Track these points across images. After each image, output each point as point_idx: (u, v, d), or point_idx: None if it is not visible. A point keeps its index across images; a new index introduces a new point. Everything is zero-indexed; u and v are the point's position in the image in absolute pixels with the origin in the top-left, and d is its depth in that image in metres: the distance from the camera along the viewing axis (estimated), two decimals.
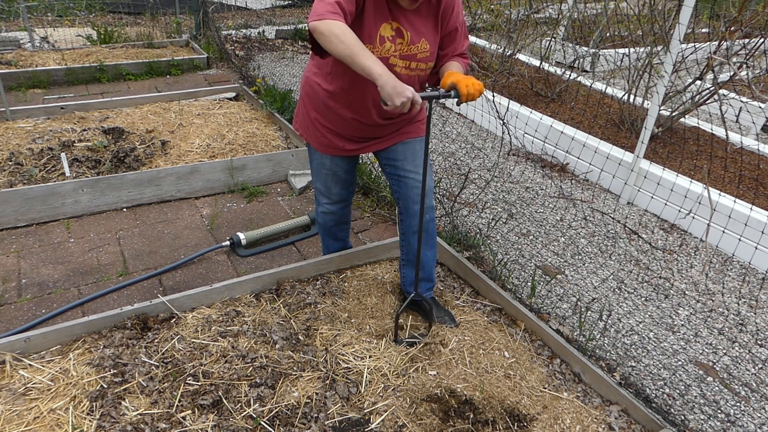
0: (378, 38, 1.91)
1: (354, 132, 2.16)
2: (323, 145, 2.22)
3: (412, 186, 2.18)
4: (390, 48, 1.93)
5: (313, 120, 2.20)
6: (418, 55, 1.99)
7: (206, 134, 3.95)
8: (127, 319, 2.23)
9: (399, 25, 1.93)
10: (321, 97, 2.11)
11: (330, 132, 2.18)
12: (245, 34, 7.06)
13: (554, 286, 2.90)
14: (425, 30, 1.98)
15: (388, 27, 1.92)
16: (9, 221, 3.00)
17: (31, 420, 1.82)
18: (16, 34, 6.24)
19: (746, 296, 2.96)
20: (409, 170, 2.18)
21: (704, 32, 6.23)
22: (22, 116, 4.10)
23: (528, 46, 5.86)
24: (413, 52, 1.97)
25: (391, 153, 2.22)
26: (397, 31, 1.93)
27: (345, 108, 2.08)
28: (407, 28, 1.94)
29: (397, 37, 1.93)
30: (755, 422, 2.21)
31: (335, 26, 1.69)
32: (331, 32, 1.69)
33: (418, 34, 1.96)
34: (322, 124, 2.17)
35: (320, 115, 2.16)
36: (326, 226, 2.57)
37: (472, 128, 4.90)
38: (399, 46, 1.94)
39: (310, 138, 2.25)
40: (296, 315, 2.38)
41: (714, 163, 3.97)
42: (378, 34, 1.91)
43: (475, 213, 3.52)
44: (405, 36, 1.94)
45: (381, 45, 1.92)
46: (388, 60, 1.94)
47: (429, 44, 1.99)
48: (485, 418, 1.96)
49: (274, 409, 1.94)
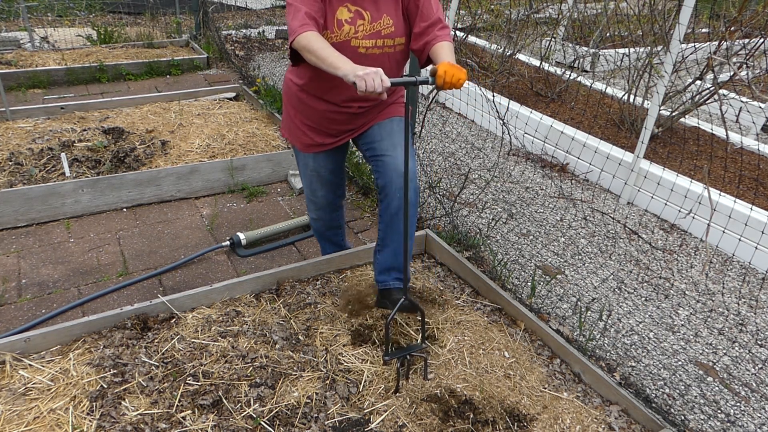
0: (335, 23, 1.93)
1: (330, 125, 2.18)
2: (304, 144, 2.26)
3: (389, 164, 2.06)
4: (349, 30, 1.95)
5: (292, 118, 2.25)
6: (383, 32, 1.99)
7: (206, 134, 3.95)
8: (127, 319, 2.23)
9: (357, 6, 1.95)
10: (294, 92, 2.17)
11: (308, 128, 2.21)
12: (245, 34, 7.06)
13: (554, 286, 2.89)
14: (385, 6, 1.99)
15: (344, 10, 1.94)
16: (9, 221, 3.00)
17: (31, 420, 1.82)
18: (16, 34, 6.24)
19: (746, 296, 2.96)
20: (385, 149, 2.10)
21: (704, 32, 6.23)
22: (22, 116, 4.10)
23: (528, 46, 5.87)
24: (377, 29, 1.98)
25: (367, 136, 2.20)
26: (356, 13, 1.95)
27: (317, 99, 2.12)
28: (366, 8, 1.96)
29: (357, 19, 1.95)
30: (755, 422, 2.21)
31: (303, 39, 1.80)
32: (301, 47, 1.81)
33: (378, 11, 1.98)
34: (301, 121, 2.22)
35: (297, 111, 2.21)
36: (318, 231, 2.61)
37: (472, 128, 4.90)
38: (361, 27, 1.96)
39: (293, 138, 2.29)
40: (296, 315, 2.38)
41: (714, 163, 3.97)
42: (335, 18, 1.93)
43: (475, 213, 3.52)
44: (365, 16, 1.96)
45: (339, 29, 1.94)
46: (349, 43, 1.95)
47: (392, 19, 2.00)
48: (485, 418, 1.96)
49: (274, 409, 1.94)
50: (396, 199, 2.06)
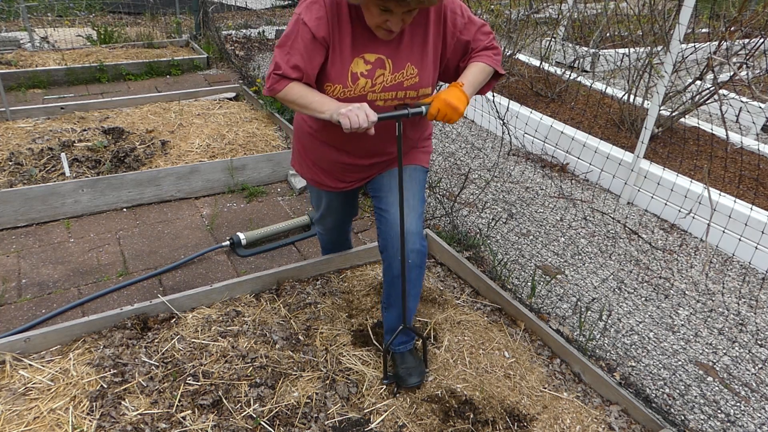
0: (349, 76, 1.74)
1: (342, 173, 2.04)
2: (314, 181, 2.11)
3: (390, 222, 1.90)
4: (366, 84, 1.75)
5: (302, 156, 2.10)
6: (405, 83, 1.79)
7: (206, 134, 3.95)
8: (127, 319, 2.23)
9: (379, 55, 1.74)
10: (306, 133, 2.01)
11: (320, 170, 2.06)
12: (245, 34, 7.06)
13: (554, 286, 2.89)
14: (411, 54, 1.77)
15: (360, 62, 1.73)
16: (9, 221, 3.00)
17: (31, 420, 1.82)
18: (16, 34, 6.24)
19: (746, 296, 2.96)
20: (390, 203, 1.93)
21: (704, 32, 6.22)
22: (22, 116, 4.10)
23: (528, 46, 5.86)
24: (398, 80, 1.78)
25: (375, 183, 2.03)
26: (376, 62, 1.75)
27: (330, 147, 1.96)
28: (388, 56, 1.75)
29: (376, 68, 1.75)
30: (755, 422, 2.21)
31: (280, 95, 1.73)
32: (282, 99, 1.74)
33: (402, 60, 1.77)
34: (312, 161, 2.06)
35: (308, 151, 2.06)
36: (323, 243, 2.61)
37: (472, 128, 4.90)
38: (380, 79, 1.76)
39: (304, 173, 2.13)
40: (296, 315, 2.38)
41: (714, 163, 3.97)
42: (348, 71, 1.74)
43: (475, 213, 3.52)
44: (387, 65, 1.76)
45: (354, 83, 1.74)
46: (366, 97, 1.77)
47: (417, 68, 1.78)
48: (485, 418, 1.96)
49: (274, 409, 1.94)
50: (397, 262, 1.92)
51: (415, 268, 1.94)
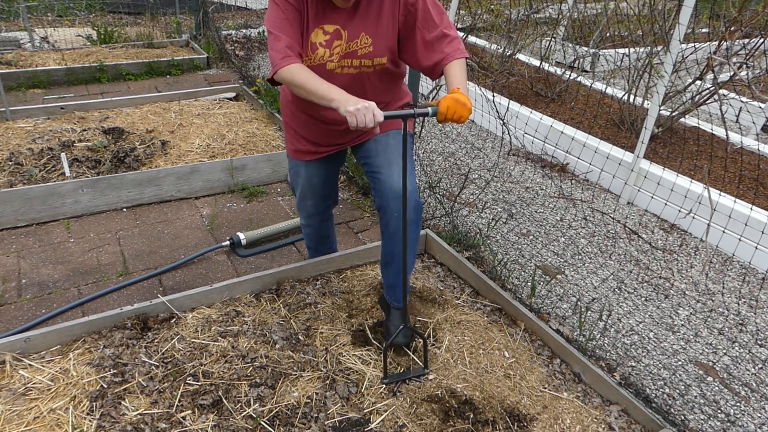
0: (309, 46, 1.86)
1: (321, 137, 2.15)
2: (297, 150, 2.22)
3: (384, 182, 2.01)
4: (324, 54, 1.87)
5: (288, 123, 2.22)
6: (359, 51, 1.89)
7: (206, 134, 3.95)
8: (127, 319, 2.23)
9: (337, 26, 1.86)
10: (287, 101, 2.15)
11: (300, 136, 2.18)
12: (245, 34, 7.06)
13: (554, 286, 2.89)
14: (367, 24, 1.88)
15: (320, 32, 1.85)
16: (9, 221, 3.00)
17: (31, 420, 1.82)
18: (16, 34, 6.24)
19: (746, 296, 2.96)
20: (380, 165, 2.05)
21: (704, 32, 6.23)
22: (22, 116, 4.10)
23: (528, 46, 5.87)
24: (352, 48, 1.88)
25: (363, 150, 2.16)
26: (334, 33, 1.86)
27: (306, 114, 2.09)
28: (344, 26, 1.86)
29: (334, 39, 1.86)
30: (755, 422, 2.21)
31: (286, 73, 1.76)
32: (286, 81, 1.78)
33: (356, 29, 1.87)
34: (294, 129, 2.19)
35: (290, 119, 2.19)
36: (309, 237, 2.60)
37: (472, 128, 4.90)
38: (337, 48, 1.87)
39: (288, 143, 2.26)
40: (296, 315, 2.38)
41: (714, 163, 3.97)
42: (309, 42, 1.85)
43: (475, 213, 3.52)
44: (343, 35, 1.87)
45: (313, 53, 1.86)
46: (324, 66, 1.88)
47: (371, 38, 1.89)
48: (485, 418, 1.96)
49: (274, 409, 1.94)
50: (394, 220, 2.03)
51: (412, 223, 2.05)
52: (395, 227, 2.04)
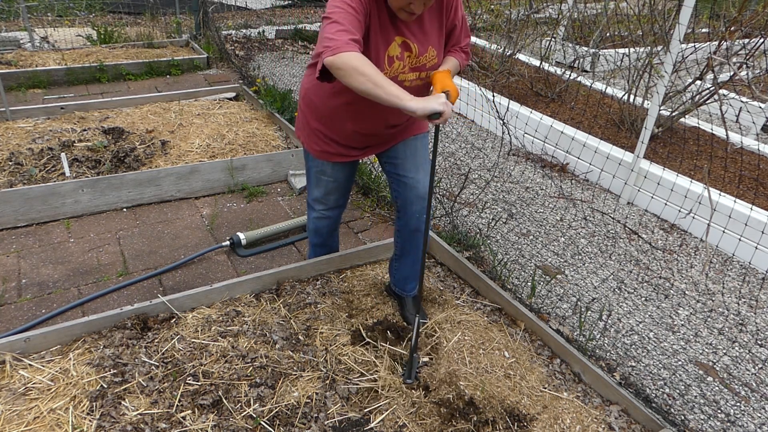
0: (386, 60, 1.86)
1: (357, 142, 2.15)
2: (326, 153, 2.17)
3: (411, 186, 2.11)
4: (399, 66, 1.89)
5: (314, 130, 2.15)
6: (428, 65, 1.95)
7: (206, 134, 3.95)
8: (127, 319, 2.23)
9: (404, 38, 1.87)
10: (323, 111, 2.08)
11: (334, 142, 2.14)
12: (245, 34, 7.06)
13: (554, 286, 2.89)
14: (430, 36, 1.93)
15: (395, 45, 1.86)
16: (9, 221, 3.00)
17: (31, 420, 1.82)
18: (16, 34, 6.24)
19: (746, 296, 2.96)
20: (408, 169, 2.13)
21: (704, 32, 6.23)
22: (22, 116, 4.10)
23: (528, 46, 5.87)
24: (422, 62, 1.94)
25: (391, 151, 2.19)
26: (403, 46, 1.88)
27: (350, 121, 2.05)
28: (413, 40, 1.89)
29: (404, 52, 1.88)
30: (755, 422, 2.21)
31: (354, 59, 1.60)
32: (349, 66, 1.60)
33: (424, 43, 1.92)
34: (326, 135, 2.13)
35: (323, 126, 2.12)
36: (320, 231, 2.53)
37: (472, 128, 4.90)
38: (407, 60, 1.90)
39: (311, 144, 2.19)
40: (296, 315, 2.38)
41: (714, 163, 3.97)
42: (386, 55, 1.86)
43: (475, 213, 3.52)
44: (413, 49, 1.89)
45: (390, 66, 1.87)
46: (397, 78, 1.90)
47: (435, 50, 1.95)
48: (485, 418, 1.96)
49: (274, 409, 1.93)
50: (414, 220, 2.15)
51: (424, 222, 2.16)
52: (415, 226, 2.17)
